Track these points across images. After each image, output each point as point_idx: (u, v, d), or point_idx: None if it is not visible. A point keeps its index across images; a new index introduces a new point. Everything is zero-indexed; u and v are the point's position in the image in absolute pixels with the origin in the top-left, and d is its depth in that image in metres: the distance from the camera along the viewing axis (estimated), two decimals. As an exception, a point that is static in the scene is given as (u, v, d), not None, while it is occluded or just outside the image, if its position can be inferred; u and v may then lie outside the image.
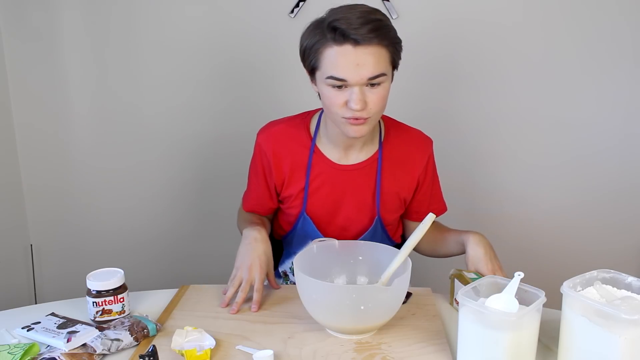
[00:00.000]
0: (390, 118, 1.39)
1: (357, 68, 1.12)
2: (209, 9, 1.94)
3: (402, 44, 1.20)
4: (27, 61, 2.00)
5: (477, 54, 1.93)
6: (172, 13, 1.95)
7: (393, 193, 1.35)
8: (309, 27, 1.19)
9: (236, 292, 1.22)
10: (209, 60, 1.98)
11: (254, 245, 1.25)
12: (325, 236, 1.35)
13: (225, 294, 1.23)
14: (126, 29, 1.97)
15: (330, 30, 1.13)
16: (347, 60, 1.13)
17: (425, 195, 1.40)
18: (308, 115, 1.37)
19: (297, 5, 1.90)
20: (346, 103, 1.16)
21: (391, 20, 1.19)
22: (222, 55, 1.97)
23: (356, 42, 1.12)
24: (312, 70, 1.21)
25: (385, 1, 1.85)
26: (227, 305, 1.21)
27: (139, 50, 1.99)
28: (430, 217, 1.10)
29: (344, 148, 1.32)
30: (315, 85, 1.23)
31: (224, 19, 1.94)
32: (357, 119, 1.17)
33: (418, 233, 1.10)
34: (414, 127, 1.40)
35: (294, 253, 1.40)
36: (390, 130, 1.35)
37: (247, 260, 1.23)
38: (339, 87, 1.16)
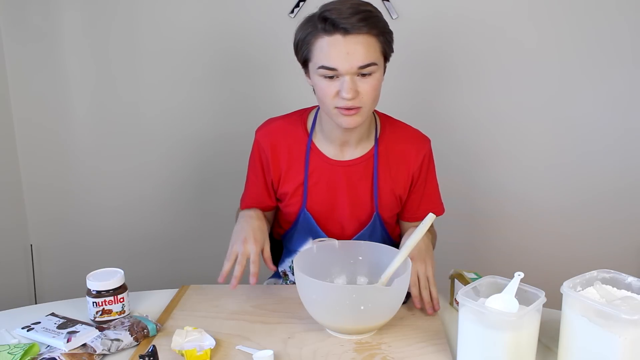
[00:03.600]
0: (386, 115, 1.38)
1: (347, 57, 1.14)
2: (209, 10, 1.93)
3: (402, 44, 1.20)
4: (28, 62, 1.99)
5: (477, 54, 1.93)
6: (172, 14, 1.95)
7: (389, 190, 1.34)
8: (301, 22, 1.21)
9: (232, 267, 1.19)
10: (209, 60, 1.98)
11: (249, 221, 1.26)
12: (324, 232, 1.35)
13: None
14: (126, 30, 1.97)
15: (321, 20, 1.15)
16: (337, 49, 1.14)
17: (417, 194, 1.37)
18: (305, 112, 1.37)
19: (297, 5, 1.90)
20: (338, 93, 1.17)
21: (391, 19, 1.19)
22: (223, 56, 1.97)
23: (346, 31, 1.13)
24: (304, 62, 1.22)
25: (385, 1, 1.85)
26: (225, 280, 1.19)
27: (139, 51, 1.98)
28: (430, 217, 1.10)
29: (340, 144, 1.32)
30: (309, 78, 1.23)
31: (225, 19, 1.94)
32: (349, 108, 1.17)
33: (418, 233, 1.10)
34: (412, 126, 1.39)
35: (294, 251, 1.40)
36: (386, 127, 1.35)
37: (241, 235, 1.23)
38: (331, 77, 1.17)
